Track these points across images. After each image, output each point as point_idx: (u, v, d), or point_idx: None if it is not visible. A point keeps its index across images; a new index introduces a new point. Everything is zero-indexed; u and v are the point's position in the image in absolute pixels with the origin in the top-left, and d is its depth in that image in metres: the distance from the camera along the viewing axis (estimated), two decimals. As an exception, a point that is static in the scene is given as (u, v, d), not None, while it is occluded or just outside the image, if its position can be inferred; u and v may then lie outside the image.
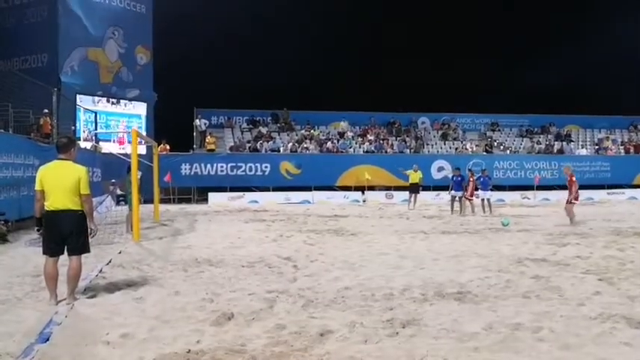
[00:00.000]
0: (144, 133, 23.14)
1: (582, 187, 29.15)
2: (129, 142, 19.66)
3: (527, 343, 4.84)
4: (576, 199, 15.93)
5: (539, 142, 32.95)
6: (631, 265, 8.54)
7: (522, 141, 33.77)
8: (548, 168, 30.06)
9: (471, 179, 19.82)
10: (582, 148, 33.14)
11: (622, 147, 33.25)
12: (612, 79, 39.14)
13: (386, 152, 30.00)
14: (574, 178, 15.94)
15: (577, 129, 35.40)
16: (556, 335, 5.04)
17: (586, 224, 15.23)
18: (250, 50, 36.75)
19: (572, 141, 33.90)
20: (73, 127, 23.11)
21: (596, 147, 33.19)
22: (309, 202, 26.28)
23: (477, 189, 20.11)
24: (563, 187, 29.10)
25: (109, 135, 26.70)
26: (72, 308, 6.07)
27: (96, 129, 25.29)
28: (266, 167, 27.37)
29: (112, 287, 7.13)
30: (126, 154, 14.60)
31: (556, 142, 33.05)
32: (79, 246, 6.41)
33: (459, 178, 19.89)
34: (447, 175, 26.25)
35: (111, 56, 27.24)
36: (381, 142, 30.94)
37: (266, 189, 27.35)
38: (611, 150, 32.43)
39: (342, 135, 31.45)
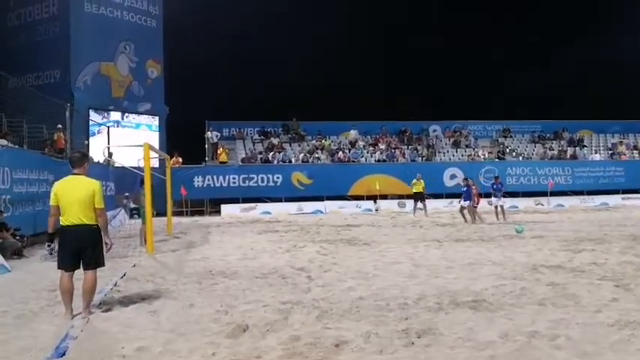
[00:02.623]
0: (156, 147, 23.27)
1: (597, 192, 29.33)
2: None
3: (544, 351, 4.79)
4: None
5: (551, 148, 32.78)
6: (648, 271, 8.45)
7: (535, 147, 33.60)
8: (562, 174, 29.86)
9: (474, 188, 19.69)
10: (596, 153, 32.91)
11: (636, 151, 32.96)
12: (625, 82, 38.94)
13: (397, 161, 29.95)
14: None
15: (590, 134, 35.17)
16: (573, 343, 4.98)
17: (602, 230, 15.08)
18: (260, 62, 36.97)
19: (585, 146, 33.68)
20: (86, 142, 23.33)
21: (610, 152, 32.94)
22: (322, 212, 26.29)
23: (490, 196, 20.02)
24: (577, 193, 29.20)
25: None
26: (87, 322, 6.09)
27: (108, 143, 25.48)
28: (278, 178, 27.42)
29: (127, 301, 7.15)
30: (139, 168, 14.66)
31: (569, 148, 32.84)
32: (95, 260, 6.44)
33: (466, 188, 19.80)
34: (459, 183, 26.14)
35: (122, 70, 27.54)
36: (393, 150, 30.92)
37: (278, 200, 27.43)
38: (624, 155, 32.17)
39: (353, 144, 31.47)
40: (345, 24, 38.44)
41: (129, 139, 24.64)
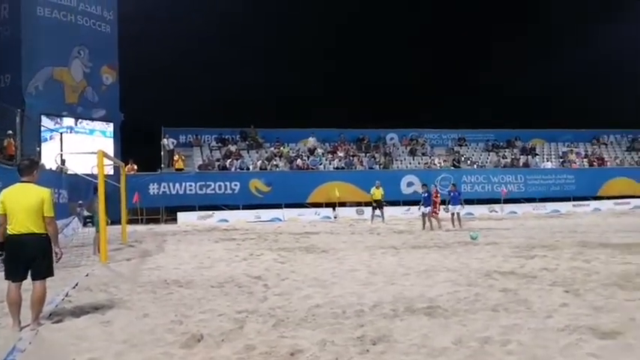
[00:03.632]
0: (111, 154, 22.85)
1: (548, 199, 30.10)
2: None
3: (496, 357, 4.87)
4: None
5: (505, 157, 33.51)
6: (596, 277, 8.68)
7: (489, 155, 34.28)
8: (515, 181, 30.57)
9: (436, 195, 20.04)
10: (547, 161, 33.78)
11: (586, 160, 33.97)
12: (575, 93, 40.22)
13: (356, 169, 30.13)
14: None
15: (542, 143, 36.11)
16: (524, 348, 5.08)
17: (553, 236, 15.47)
18: (218, 68, 36.74)
19: (537, 154, 34.55)
20: (37, 149, 22.74)
21: (561, 160, 33.86)
22: (280, 220, 26.22)
23: (447, 203, 20.35)
24: (529, 200, 29.92)
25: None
26: (36, 334, 5.92)
27: (61, 150, 24.89)
28: (235, 185, 27.25)
29: (79, 311, 6.97)
30: (93, 175, 14.37)
31: (522, 156, 33.63)
32: (44, 270, 6.26)
33: (426, 194, 20.16)
34: (416, 191, 26.46)
35: (76, 76, 26.94)
36: (351, 158, 31.10)
37: (236, 207, 27.23)
38: (575, 163, 33.12)
39: (312, 152, 31.53)
40: (303, 31, 38.57)
41: (83, 146, 24.15)
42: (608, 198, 30.52)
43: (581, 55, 37.82)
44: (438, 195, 20.23)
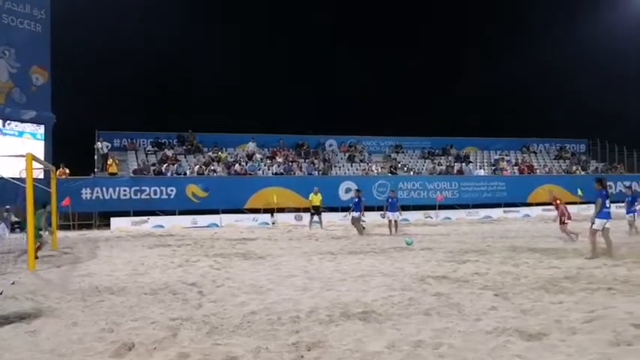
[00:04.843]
0: (41, 157, 22.02)
1: (481, 205, 30.98)
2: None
3: (428, 360, 4.99)
4: (569, 218, 16.37)
5: (440, 164, 34.28)
6: (525, 280, 9.01)
7: (425, 162, 35.00)
8: (450, 188, 31.30)
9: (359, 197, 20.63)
10: (480, 168, 34.76)
11: (516, 167, 35.17)
12: (505, 102, 41.70)
13: (295, 174, 30.16)
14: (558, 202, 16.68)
15: (475, 150, 37.12)
16: (455, 351, 5.22)
17: (485, 241, 15.93)
18: (156, 70, 35.99)
19: (471, 162, 35.50)
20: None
21: (493, 167, 34.93)
22: (217, 226, 25.93)
23: (385, 209, 20.70)
24: (463, 206, 30.70)
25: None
26: (-44, 346, 5.65)
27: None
28: (172, 191, 26.77)
29: (3, 321, 6.71)
30: (21, 179, 13.83)
31: (456, 163, 34.48)
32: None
33: (357, 200, 20.49)
34: (353, 197, 26.71)
35: (1, 76, 25.80)
36: (290, 164, 31.12)
37: (172, 213, 26.73)
38: (506, 170, 34.23)
39: (250, 157, 31.37)
40: (243, 33, 38.44)
41: (11, 148, 23.08)
42: (537, 204, 31.63)
43: (512, 66, 39.20)
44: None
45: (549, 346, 5.33)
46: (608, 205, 11.87)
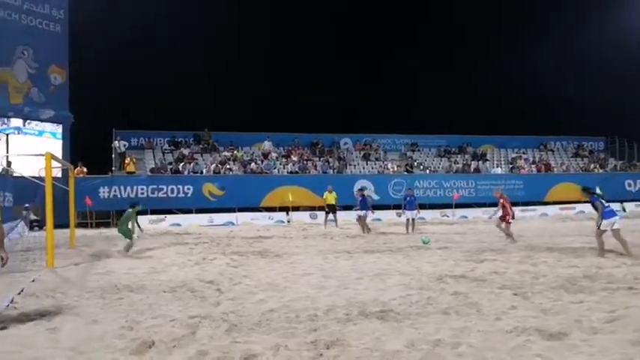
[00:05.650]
0: (60, 155, 22.24)
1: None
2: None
3: (448, 359, 4.96)
4: (513, 217, 16.37)
5: (456, 162, 34.10)
6: (543, 279, 8.93)
7: (441, 161, 34.84)
8: (466, 186, 31.13)
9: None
10: (497, 167, 34.54)
11: (534, 166, 34.89)
12: (523, 100, 41.34)
13: (310, 173, 30.18)
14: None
15: (492, 148, 36.88)
16: (474, 350, 5.18)
17: (501, 241, 15.82)
18: (171, 70, 36.19)
19: (488, 160, 35.28)
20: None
21: (510, 166, 34.68)
22: (233, 224, 26.04)
23: (403, 208, 20.70)
24: (480, 205, 30.51)
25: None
26: (-21, 342, 5.73)
27: (7, 151, 24.10)
28: (188, 189, 26.94)
29: (24, 318, 6.77)
30: (40, 178, 13.99)
31: (473, 162, 34.29)
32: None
33: (361, 198, 20.46)
34: (370, 196, 26.64)
35: (20, 77, 26.05)
36: (305, 162, 31.14)
37: (189, 211, 26.90)
38: (524, 168, 33.97)
39: (265, 156, 31.44)
40: (259, 35, 38.51)
41: (32, 147, 23.37)
42: (555, 203, 31.38)
43: (530, 64, 38.90)
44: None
45: (570, 345, 5.28)
46: (607, 205, 11.96)
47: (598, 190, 13.07)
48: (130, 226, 14.49)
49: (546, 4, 41.92)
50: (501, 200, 16.34)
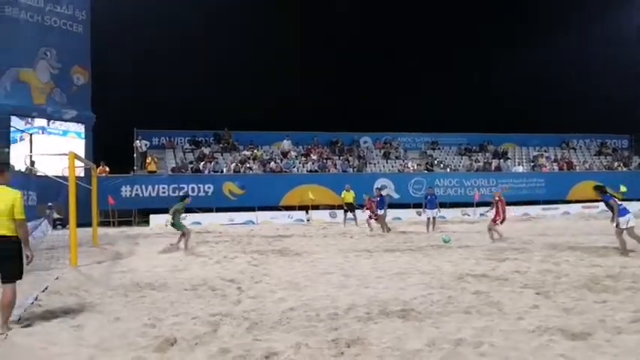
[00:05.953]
0: (82, 155, 22.51)
1: (519, 203, 30.47)
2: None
3: (470, 359, 4.94)
4: (504, 219, 16.37)
5: (477, 160, 33.85)
6: (566, 279, 8.84)
7: (462, 159, 34.61)
8: (487, 185, 30.88)
9: (368, 200, 20.58)
10: (518, 165, 34.22)
11: (555, 164, 34.51)
12: (544, 98, 40.88)
13: (329, 171, 30.18)
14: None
15: (513, 147, 36.52)
16: (496, 349, 5.16)
17: (521, 239, 15.68)
18: (191, 70, 36.39)
19: (509, 158, 34.96)
20: (6, 150, 22.34)
21: (532, 164, 34.35)
22: (253, 223, 26.15)
23: (424, 207, 20.60)
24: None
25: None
26: (5, 338, 5.83)
27: (31, 151, 24.44)
28: (209, 188, 27.11)
29: (49, 315, 6.88)
30: (63, 177, 14.18)
31: (493, 160, 34.02)
32: (13, 273, 6.17)
33: (379, 198, 20.42)
34: (389, 194, 26.58)
35: (42, 77, 26.39)
36: (325, 161, 31.15)
37: (209, 210, 27.07)
38: (545, 167, 33.62)
39: (285, 155, 31.50)
40: (278, 34, 38.52)
41: (56, 147, 23.68)
42: (577, 202, 31.03)
43: (552, 61, 38.47)
44: (370, 200, 20.58)
45: (594, 345, 5.24)
46: (620, 203, 12.05)
47: (623, 189, 13.03)
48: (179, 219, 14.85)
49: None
50: (497, 198, 16.31)
